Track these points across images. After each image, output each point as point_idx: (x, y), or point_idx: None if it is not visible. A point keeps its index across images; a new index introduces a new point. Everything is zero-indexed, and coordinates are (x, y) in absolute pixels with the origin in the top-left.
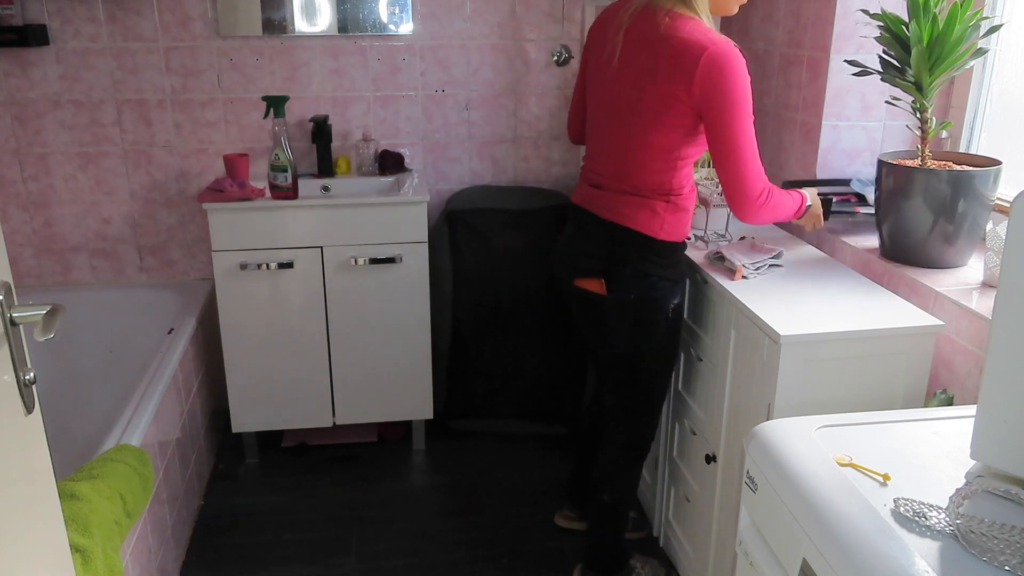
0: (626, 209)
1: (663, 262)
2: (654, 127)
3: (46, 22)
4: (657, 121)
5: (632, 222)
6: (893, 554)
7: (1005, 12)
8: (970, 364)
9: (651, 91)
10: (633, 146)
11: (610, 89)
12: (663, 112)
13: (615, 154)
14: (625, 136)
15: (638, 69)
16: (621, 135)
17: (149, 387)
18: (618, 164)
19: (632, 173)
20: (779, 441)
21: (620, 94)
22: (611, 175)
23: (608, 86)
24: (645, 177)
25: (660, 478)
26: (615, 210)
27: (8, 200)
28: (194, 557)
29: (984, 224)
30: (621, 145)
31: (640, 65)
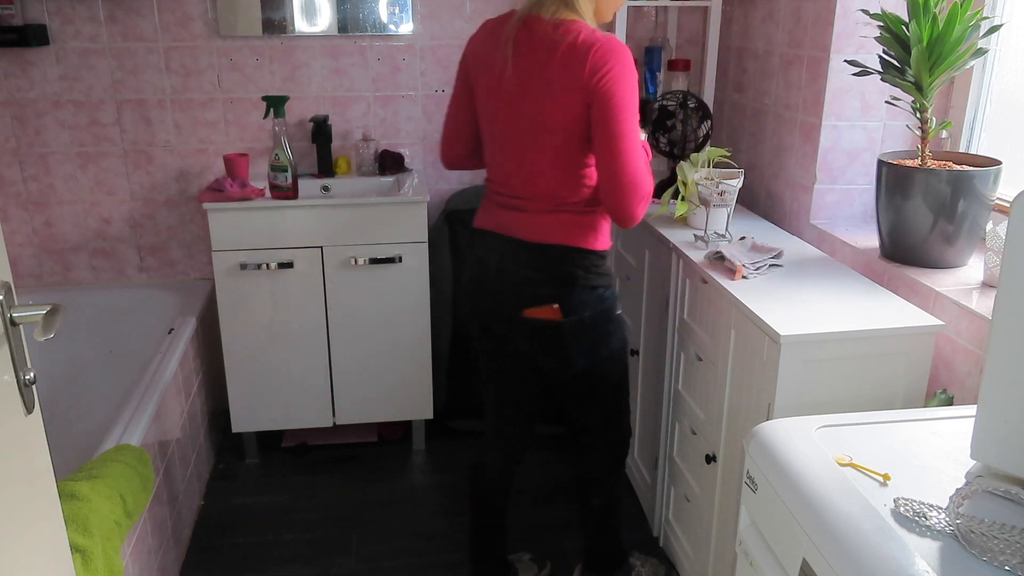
0: (557, 228)
1: (603, 271)
2: (566, 138)
3: (46, 22)
4: (567, 131)
5: (565, 238)
6: (893, 554)
7: (1005, 12)
8: (970, 364)
9: (553, 102)
10: (549, 162)
11: (510, 108)
12: (570, 121)
13: (530, 173)
14: (536, 153)
15: (535, 83)
16: (531, 154)
17: (149, 387)
18: (538, 183)
19: (556, 190)
20: (779, 441)
21: (522, 111)
22: (532, 196)
23: (507, 105)
24: (571, 191)
25: (660, 478)
26: (545, 231)
27: (8, 200)
28: (194, 557)
29: (984, 224)
30: (534, 163)
31: (536, 78)
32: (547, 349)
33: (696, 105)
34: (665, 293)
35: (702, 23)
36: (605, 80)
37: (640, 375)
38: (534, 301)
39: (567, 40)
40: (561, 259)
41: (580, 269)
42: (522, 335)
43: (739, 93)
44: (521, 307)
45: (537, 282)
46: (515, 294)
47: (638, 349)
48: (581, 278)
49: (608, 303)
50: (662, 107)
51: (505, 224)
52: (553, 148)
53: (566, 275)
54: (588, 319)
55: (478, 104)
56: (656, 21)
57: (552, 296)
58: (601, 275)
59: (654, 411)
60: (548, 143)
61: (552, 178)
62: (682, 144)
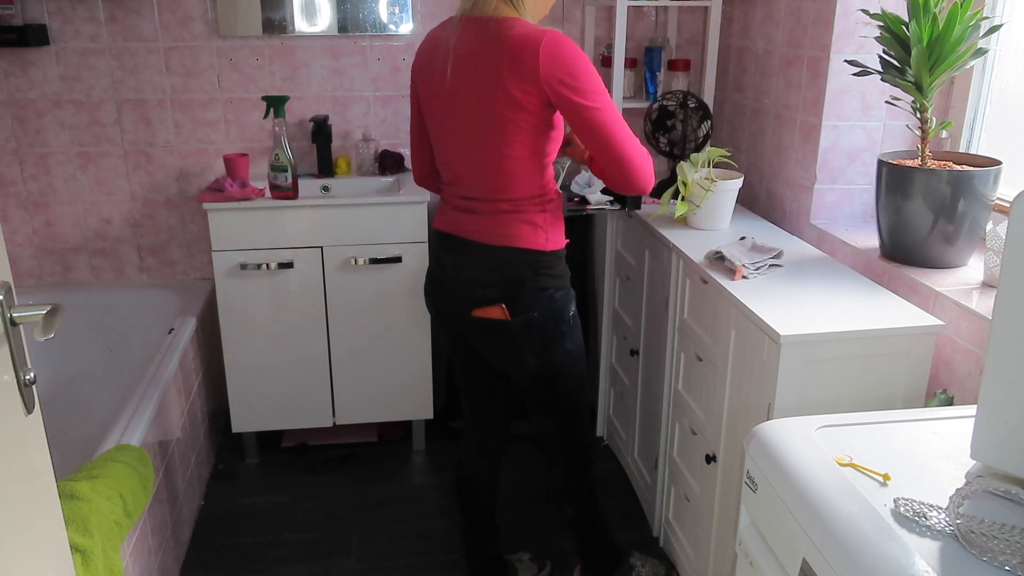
0: (507, 229)
1: (555, 272)
2: (511, 135)
3: (46, 22)
4: (513, 128)
5: (514, 240)
6: (893, 554)
7: (1005, 12)
8: (970, 364)
9: (497, 99)
10: (496, 160)
11: (453, 110)
12: (516, 116)
13: (480, 174)
14: (485, 152)
15: (478, 81)
16: (480, 153)
17: (149, 387)
18: (486, 183)
19: (503, 189)
20: (779, 441)
21: (466, 112)
22: (482, 196)
23: (450, 108)
24: (517, 188)
25: (660, 478)
26: (496, 232)
27: (8, 200)
28: (194, 557)
29: (984, 224)
30: (483, 163)
31: (479, 76)
32: (497, 349)
33: (696, 105)
34: (665, 293)
35: (702, 23)
36: (564, 71)
37: (640, 375)
38: (483, 301)
39: (510, 35)
40: (511, 261)
41: (528, 270)
42: (474, 335)
43: (739, 93)
44: (471, 307)
45: (486, 283)
46: (466, 294)
47: (638, 349)
48: (530, 279)
49: (559, 304)
50: (662, 107)
51: (459, 225)
52: (503, 145)
53: (515, 276)
54: (537, 320)
55: (424, 112)
56: (656, 21)
57: (500, 296)
58: (552, 276)
59: (654, 411)
60: (496, 141)
61: (502, 178)
62: (682, 144)
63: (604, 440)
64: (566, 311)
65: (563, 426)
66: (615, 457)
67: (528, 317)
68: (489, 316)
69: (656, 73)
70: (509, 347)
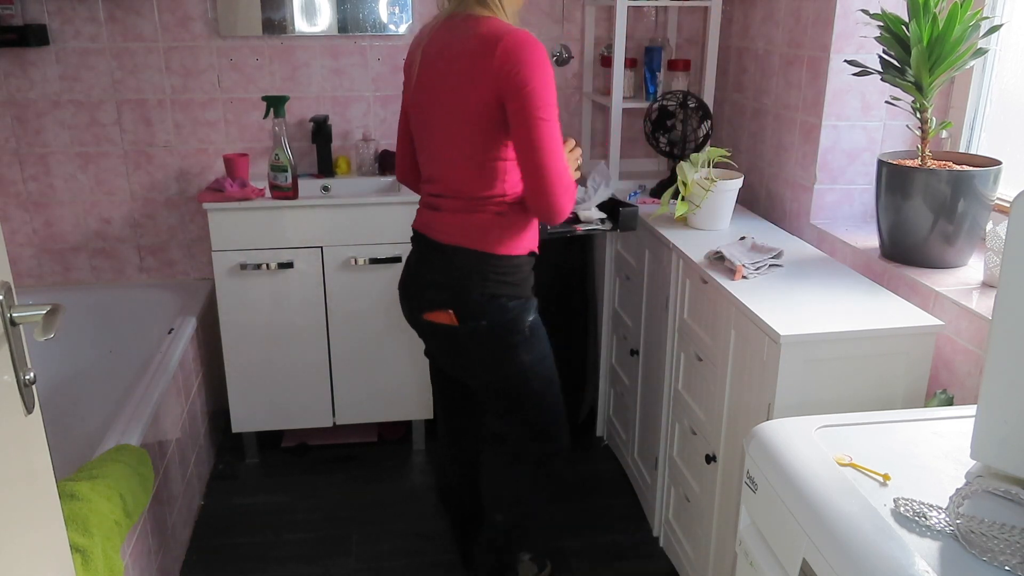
0: (460, 229)
1: (509, 279)
2: (474, 133)
3: (46, 22)
4: (476, 126)
5: (468, 241)
6: (893, 554)
7: (1005, 12)
8: (970, 364)
9: (462, 93)
10: (458, 158)
11: (424, 105)
12: (479, 115)
13: (445, 171)
14: (450, 150)
15: (444, 77)
16: (446, 150)
17: (149, 387)
18: (449, 181)
19: (462, 187)
20: (779, 441)
21: (434, 108)
22: (445, 194)
23: (422, 104)
24: (473, 188)
25: (660, 478)
26: (450, 232)
27: (8, 200)
28: (194, 557)
29: (984, 224)
30: (448, 160)
31: (445, 72)
32: (448, 356)
33: (696, 105)
34: (665, 293)
35: (702, 23)
36: (516, 70)
37: (640, 375)
38: (432, 305)
39: (478, 32)
40: (462, 263)
41: (477, 275)
42: (428, 339)
43: (739, 93)
44: (423, 309)
45: (438, 284)
46: (419, 297)
47: (638, 349)
48: (478, 284)
49: (512, 314)
50: (662, 107)
51: (426, 223)
52: (463, 139)
53: (464, 281)
54: (485, 328)
55: (405, 108)
56: (656, 21)
57: (449, 301)
58: (504, 283)
59: (654, 411)
60: (458, 134)
61: (463, 172)
62: (682, 144)
63: (604, 440)
64: (521, 321)
65: (530, 434)
66: (615, 457)
67: (476, 325)
68: (438, 321)
69: (656, 73)
70: (457, 354)
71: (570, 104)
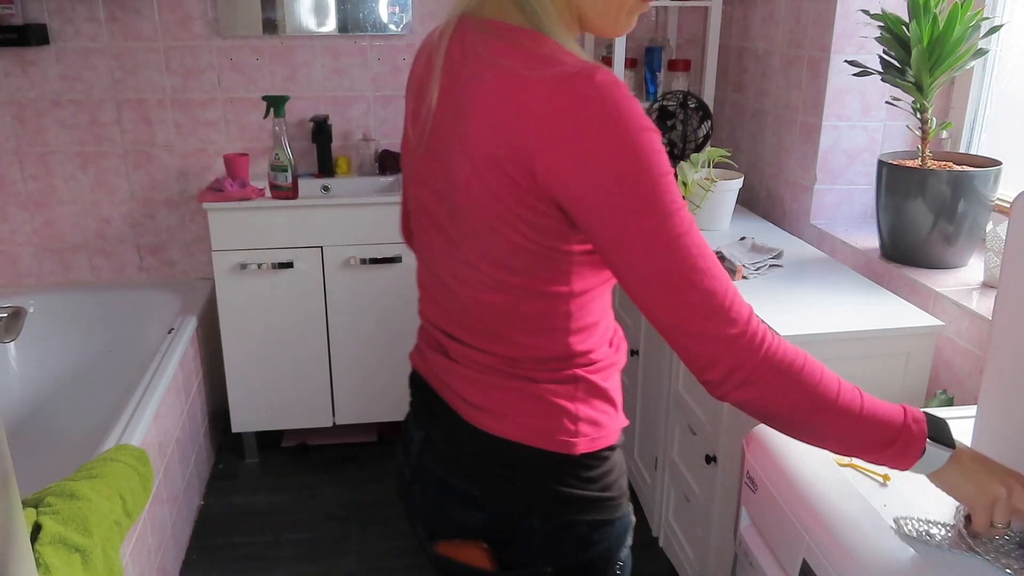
0: (503, 407)
1: (593, 488)
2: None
3: (46, 22)
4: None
5: (520, 432)
6: (893, 554)
7: (1005, 12)
8: (970, 364)
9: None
10: (484, 281)
11: (423, 172)
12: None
13: (452, 294)
14: (462, 263)
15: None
16: (455, 261)
17: (149, 387)
18: (462, 314)
19: (490, 331)
20: (779, 441)
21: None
22: (457, 334)
23: (420, 167)
24: (515, 336)
25: (660, 478)
26: (485, 406)
27: (8, 200)
28: (194, 557)
29: (984, 224)
30: (461, 281)
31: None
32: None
33: (696, 105)
34: None
35: (702, 23)
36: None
37: (640, 375)
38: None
39: (506, 65)
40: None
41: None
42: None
43: (739, 93)
44: (436, 534)
45: (465, 496)
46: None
47: (638, 349)
48: (542, 504)
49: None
50: (662, 107)
51: (437, 373)
52: (486, 255)
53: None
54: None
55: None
56: (656, 21)
57: (481, 528)
58: (589, 500)
59: (654, 411)
60: (478, 246)
61: (492, 309)
62: (682, 144)
63: None
64: (612, 560)
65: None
66: None
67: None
68: (460, 558)
69: (656, 73)
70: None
71: None
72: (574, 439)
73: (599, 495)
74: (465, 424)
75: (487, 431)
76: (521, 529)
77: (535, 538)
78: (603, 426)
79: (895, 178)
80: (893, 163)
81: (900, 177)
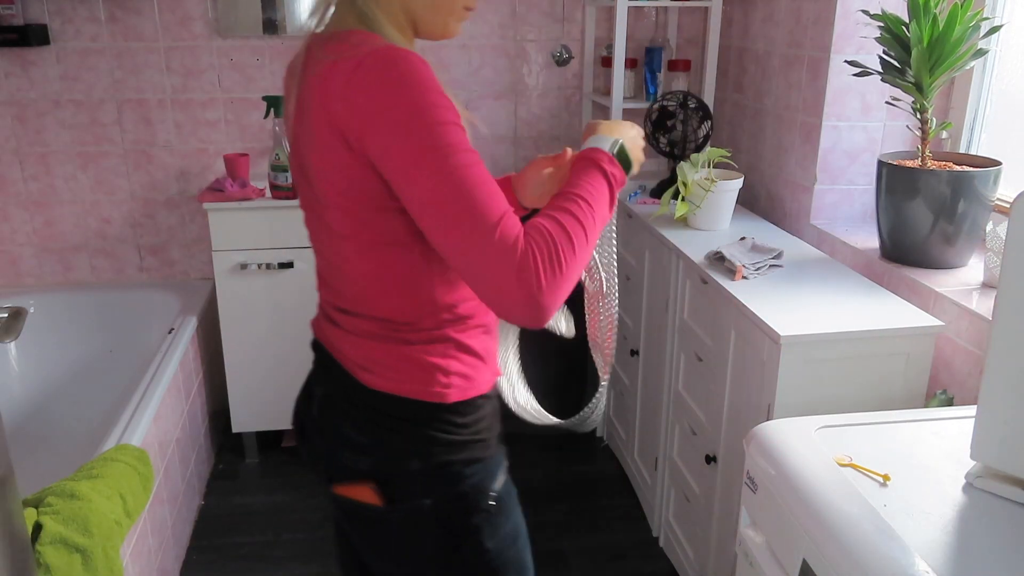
0: (383, 366)
1: (467, 435)
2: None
3: (47, 22)
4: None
5: (398, 385)
6: (893, 554)
7: (1005, 13)
8: (970, 364)
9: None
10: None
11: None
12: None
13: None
14: (333, 238)
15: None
16: (328, 238)
17: (149, 387)
18: (344, 286)
19: (365, 296)
20: (779, 441)
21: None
22: (343, 304)
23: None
24: (387, 297)
25: (660, 478)
26: (369, 367)
27: (8, 200)
28: (194, 557)
29: (984, 225)
30: (335, 255)
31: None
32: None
33: (696, 105)
34: (665, 293)
35: (702, 23)
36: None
37: (640, 375)
38: (345, 473)
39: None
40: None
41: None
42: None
43: (739, 93)
44: (333, 478)
45: (354, 444)
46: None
47: (638, 349)
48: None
49: (470, 483)
50: (662, 107)
51: (330, 342)
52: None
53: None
54: (429, 509)
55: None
56: (656, 21)
57: (368, 471)
58: (461, 443)
59: (654, 411)
60: (337, 220)
61: (360, 276)
62: (682, 144)
63: (604, 440)
64: (484, 491)
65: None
66: (615, 457)
67: (413, 506)
68: (355, 497)
69: (656, 73)
70: (388, 548)
71: (570, 104)
72: (447, 390)
73: (470, 438)
74: (354, 382)
75: (372, 387)
76: (403, 470)
77: (416, 477)
78: (473, 378)
79: (895, 178)
80: (893, 163)
81: (900, 177)
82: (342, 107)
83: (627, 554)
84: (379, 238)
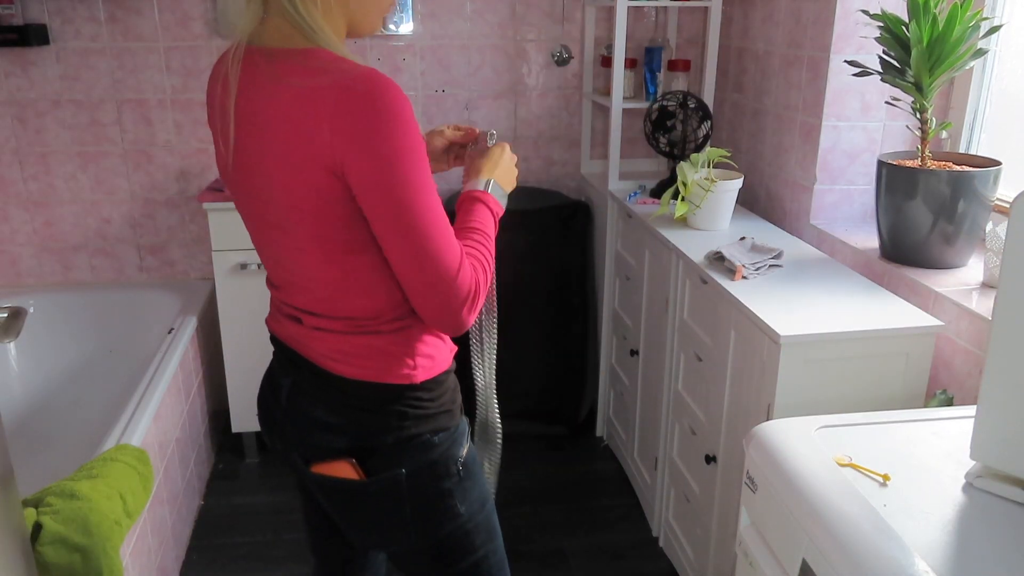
0: (352, 357)
1: (431, 407)
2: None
3: (46, 22)
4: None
5: (368, 372)
6: (893, 554)
7: (1005, 12)
8: (970, 364)
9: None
10: (315, 261)
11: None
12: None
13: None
14: (294, 249)
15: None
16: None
17: (149, 387)
18: (304, 291)
19: (333, 305)
20: (779, 441)
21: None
22: (305, 306)
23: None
24: (349, 306)
25: (660, 478)
26: (337, 358)
27: (8, 200)
28: (194, 557)
29: (984, 224)
30: (298, 263)
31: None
32: (351, 518)
33: (696, 105)
34: (665, 293)
35: (702, 23)
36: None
37: (640, 375)
38: (324, 453)
39: (295, 82)
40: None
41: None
42: (321, 497)
43: (739, 93)
44: (310, 460)
45: (330, 426)
46: (302, 441)
47: (638, 349)
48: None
49: (439, 451)
50: (662, 107)
51: (293, 339)
52: (312, 240)
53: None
54: (404, 478)
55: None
56: (656, 21)
57: (347, 448)
58: (429, 416)
59: (654, 411)
60: (302, 234)
61: (326, 283)
62: (682, 144)
63: (604, 440)
64: (452, 458)
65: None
66: (615, 457)
67: (392, 475)
68: (334, 474)
69: (656, 73)
70: (366, 517)
71: (570, 104)
72: (414, 372)
73: (437, 410)
74: (324, 372)
75: (343, 375)
76: (378, 445)
77: (390, 449)
78: (435, 358)
79: (895, 178)
80: (893, 163)
81: (900, 177)
82: (327, 129)
83: (627, 554)
84: (342, 247)
